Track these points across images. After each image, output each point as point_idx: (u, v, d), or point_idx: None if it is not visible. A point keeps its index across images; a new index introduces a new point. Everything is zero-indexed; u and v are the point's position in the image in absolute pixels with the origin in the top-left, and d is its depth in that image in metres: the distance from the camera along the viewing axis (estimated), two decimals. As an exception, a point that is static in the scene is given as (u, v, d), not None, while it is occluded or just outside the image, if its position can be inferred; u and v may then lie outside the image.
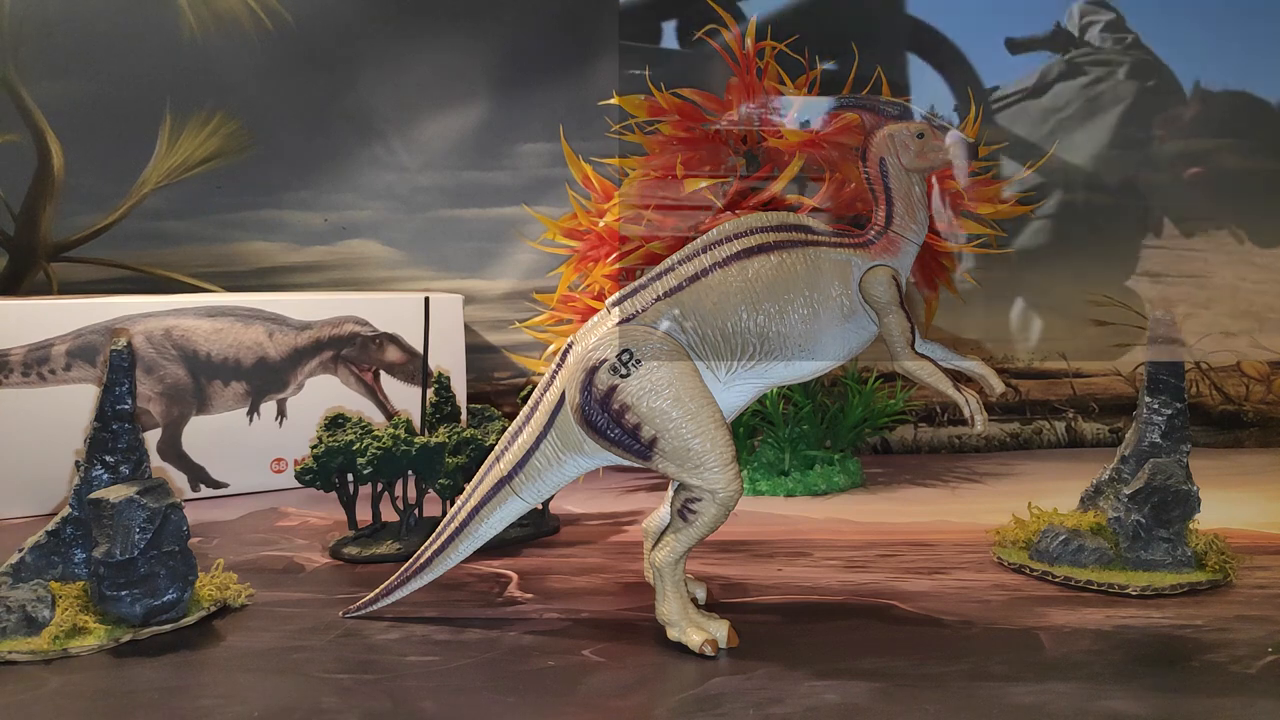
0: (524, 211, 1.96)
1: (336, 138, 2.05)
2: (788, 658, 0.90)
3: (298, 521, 1.50)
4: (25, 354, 1.55)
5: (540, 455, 0.99)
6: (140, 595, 0.98)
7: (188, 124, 1.99)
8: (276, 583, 1.18)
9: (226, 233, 2.02)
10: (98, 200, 1.97)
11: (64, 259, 1.96)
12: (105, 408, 1.02)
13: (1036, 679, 0.85)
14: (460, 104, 2.08)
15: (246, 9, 1.99)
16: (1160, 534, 1.11)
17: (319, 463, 1.26)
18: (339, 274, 2.07)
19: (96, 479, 1.02)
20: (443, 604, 1.08)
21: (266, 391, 1.70)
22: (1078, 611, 1.02)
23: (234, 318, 1.68)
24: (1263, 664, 0.87)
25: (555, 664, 0.91)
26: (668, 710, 0.81)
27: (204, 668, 0.92)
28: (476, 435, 1.34)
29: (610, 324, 0.95)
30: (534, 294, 1.69)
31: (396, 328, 1.78)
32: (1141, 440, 1.17)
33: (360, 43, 2.04)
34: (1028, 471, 1.79)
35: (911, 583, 1.13)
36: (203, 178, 2.00)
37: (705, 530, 0.93)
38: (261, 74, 2.00)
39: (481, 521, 1.02)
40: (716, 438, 0.91)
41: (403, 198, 2.08)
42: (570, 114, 1.87)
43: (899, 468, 1.83)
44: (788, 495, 1.61)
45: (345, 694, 0.85)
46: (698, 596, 1.06)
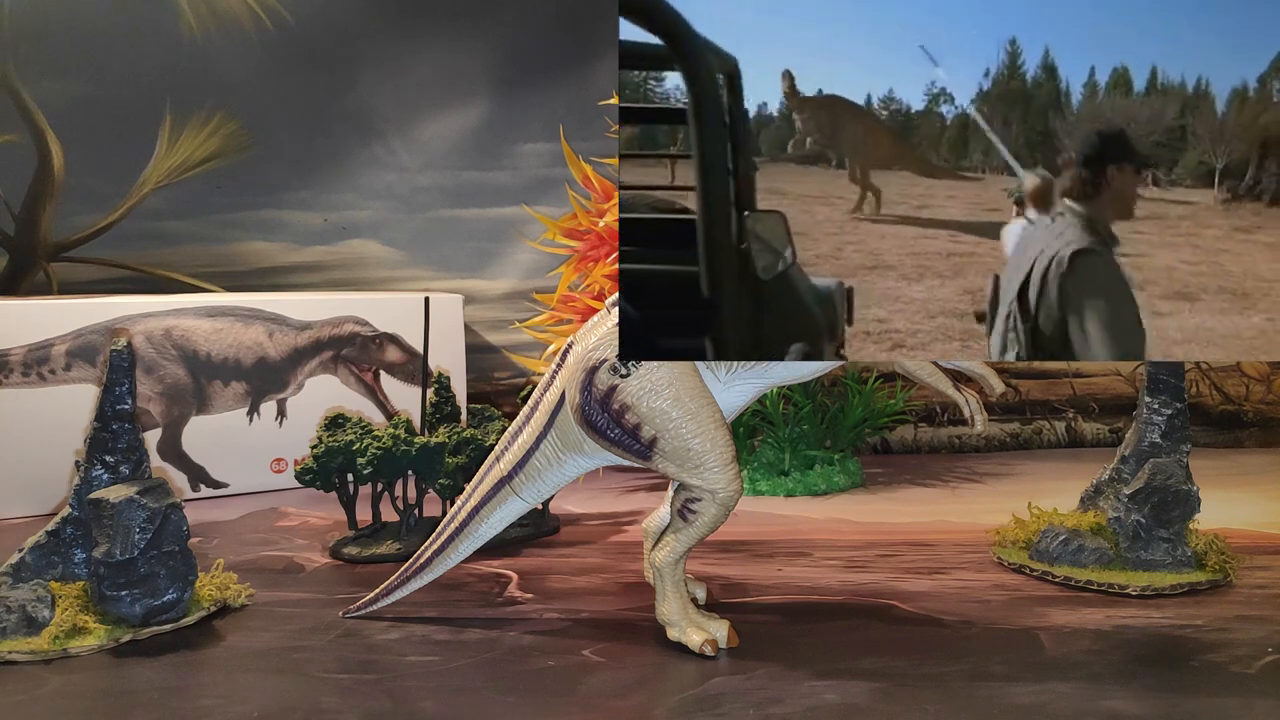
0: (524, 211, 1.96)
1: (336, 138, 2.05)
2: (788, 658, 0.90)
3: (298, 521, 1.50)
4: (25, 354, 1.55)
5: (540, 455, 0.99)
6: (140, 595, 0.98)
7: (188, 124, 1.99)
8: (276, 583, 1.18)
9: (226, 233, 2.03)
10: (98, 200, 1.97)
11: (64, 259, 1.96)
12: (105, 408, 1.02)
13: (1036, 679, 0.85)
14: (460, 104, 2.08)
15: (246, 9, 1.99)
16: (1160, 534, 1.11)
17: (319, 463, 1.26)
18: (339, 274, 2.07)
19: (96, 479, 1.02)
20: (443, 604, 1.08)
21: (266, 391, 1.70)
22: (1078, 611, 1.02)
23: (234, 318, 1.68)
24: (1263, 664, 0.87)
25: (555, 664, 0.91)
26: (668, 710, 0.81)
27: (204, 668, 0.92)
28: (476, 435, 1.34)
29: (610, 324, 0.95)
30: (534, 294, 1.69)
31: (396, 328, 1.78)
32: (1141, 440, 1.17)
33: (360, 43, 2.04)
34: (1028, 471, 1.79)
35: (911, 583, 1.13)
36: (203, 178, 2.00)
37: (705, 530, 0.93)
38: (261, 74, 2.00)
39: (481, 521, 1.02)
40: (716, 438, 0.91)
41: (403, 198, 2.08)
42: (570, 114, 1.87)
43: (899, 468, 1.83)
44: (788, 495, 1.61)
45: (345, 694, 0.85)
46: (698, 596, 1.06)
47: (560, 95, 2.04)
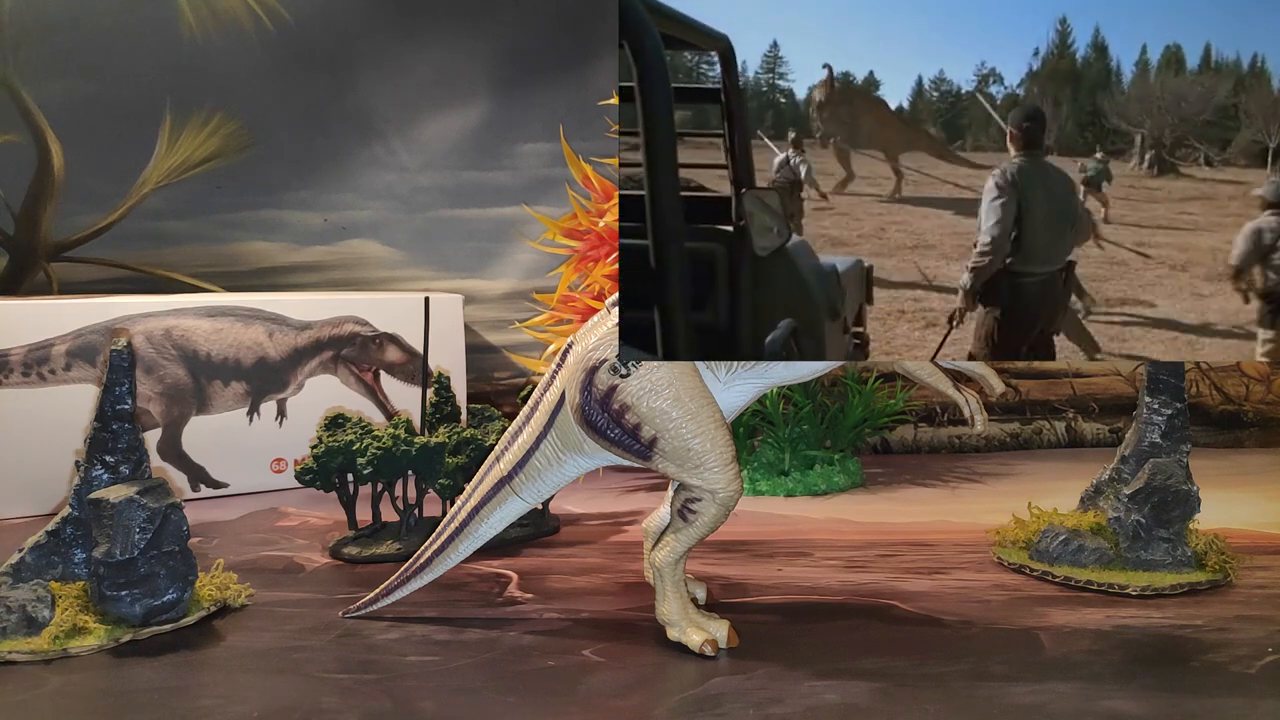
0: (524, 211, 1.96)
1: (336, 138, 2.05)
2: (788, 658, 0.90)
3: (298, 521, 1.50)
4: (25, 354, 1.55)
5: (540, 455, 0.99)
6: (140, 595, 0.98)
7: (188, 124, 1.99)
8: (276, 583, 1.18)
9: (226, 233, 2.03)
10: (98, 200, 1.97)
11: (64, 259, 1.96)
12: (105, 408, 1.02)
13: (1036, 679, 0.85)
14: (460, 104, 2.08)
15: (246, 9, 1.99)
16: (1160, 534, 1.11)
17: (319, 463, 1.26)
18: (339, 274, 2.07)
19: (96, 479, 1.02)
20: (443, 604, 1.08)
21: (266, 391, 1.70)
22: (1078, 611, 1.02)
23: (234, 318, 1.68)
24: (1263, 664, 0.87)
25: (555, 664, 0.91)
26: (668, 710, 0.81)
27: (204, 668, 0.92)
28: (476, 435, 1.34)
29: (610, 324, 0.95)
30: (534, 294, 1.69)
31: (396, 328, 1.78)
32: (1141, 440, 1.17)
33: (360, 43, 2.04)
34: (1028, 471, 1.79)
35: (911, 583, 1.13)
36: (203, 178, 2.00)
37: (705, 530, 0.93)
38: (261, 74, 2.00)
39: (481, 521, 1.02)
40: (716, 438, 0.91)
41: (403, 198, 2.08)
42: (570, 114, 1.87)
43: (899, 468, 1.83)
44: (788, 495, 1.61)
45: (345, 694, 0.85)
46: (698, 596, 1.06)
47: (560, 95, 2.04)
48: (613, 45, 2.00)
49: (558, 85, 2.05)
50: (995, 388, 1.06)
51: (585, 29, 2.05)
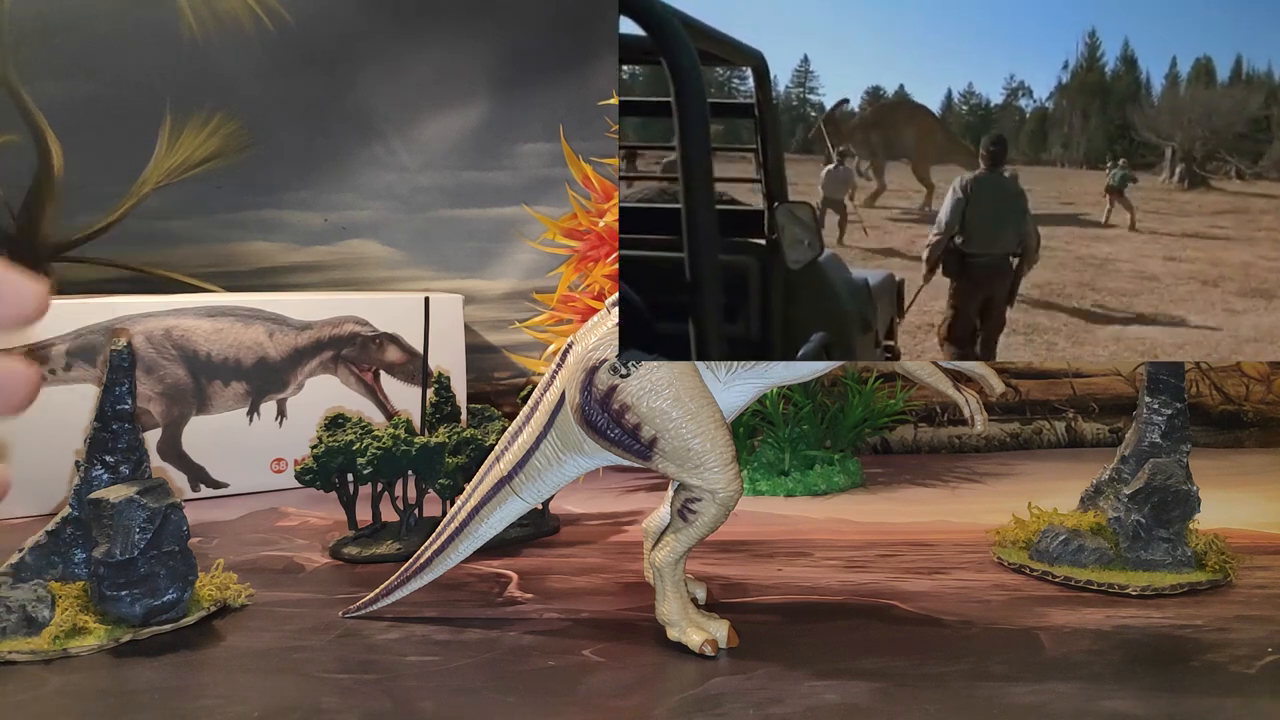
0: (524, 211, 1.96)
1: (336, 138, 2.05)
2: (788, 658, 0.90)
3: (298, 521, 1.50)
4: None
5: (540, 455, 0.99)
6: (140, 595, 0.98)
7: (188, 124, 1.99)
8: (276, 583, 1.18)
9: (226, 233, 2.03)
10: (98, 200, 1.97)
11: (64, 259, 1.96)
12: (105, 408, 1.02)
13: (1036, 679, 0.85)
14: (460, 104, 2.08)
15: (246, 9, 1.99)
16: (1160, 534, 1.11)
17: (319, 463, 1.26)
18: (339, 274, 2.07)
19: (96, 479, 1.02)
20: (443, 604, 1.08)
21: (266, 391, 1.70)
22: (1078, 611, 1.02)
23: (234, 318, 1.68)
24: (1263, 664, 0.87)
25: (555, 664, 0.91)
26: (668, 710, 0.81)
27: (204, 668, 0.92)
28: (476, 435, 1.34)
29: (610, 324, 0.95)
30: (534, 294, 1.69)
31: (396, 328, 1.78)
32: (1141, 440, 1.17)
33: (360, 43, 2.04)
34: (1028, 471, 1.79)
35: (911, 583, 1.13)
36: (203, 178, 2.01)
37: (705, 530, 0.93)
38: (261, 74, 2.00)
39: (481, 521, 1.02)
40: (716, 438, 0.91)
41: (403, 198, 2.08)
42: (570, 114, 1.87)
43: (899, 468, 1.83)
44: (788, 495, 1.61)
45: (345, 694, 0.85)
46: (698, 596, 1.06)
47: (560, 95, 2.04)
48: (613, 45, 2.00)
49: (558, 85, 2.05)
50: (995, 388, 1.06)
51: (585, 29, 2.05)
